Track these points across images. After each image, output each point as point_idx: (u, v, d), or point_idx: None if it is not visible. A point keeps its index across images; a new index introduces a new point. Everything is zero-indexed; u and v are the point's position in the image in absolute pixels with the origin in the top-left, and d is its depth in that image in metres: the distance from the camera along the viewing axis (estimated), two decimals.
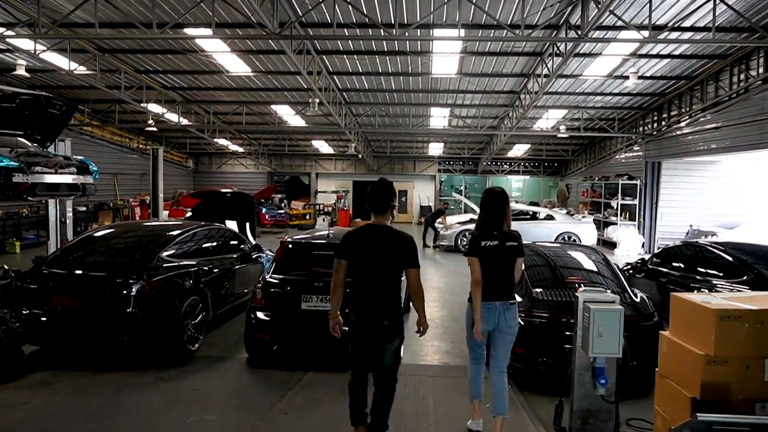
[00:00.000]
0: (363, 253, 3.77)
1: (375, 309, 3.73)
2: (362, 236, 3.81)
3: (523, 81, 14.99)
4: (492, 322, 4.12)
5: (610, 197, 18.92)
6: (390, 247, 3.74)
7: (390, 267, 3.76)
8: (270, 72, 14.98)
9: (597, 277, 6.59)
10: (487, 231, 4.21)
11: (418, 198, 29.80)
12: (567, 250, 7.79)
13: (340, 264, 3.83)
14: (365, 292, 3.78)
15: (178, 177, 28.62)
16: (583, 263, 6.99)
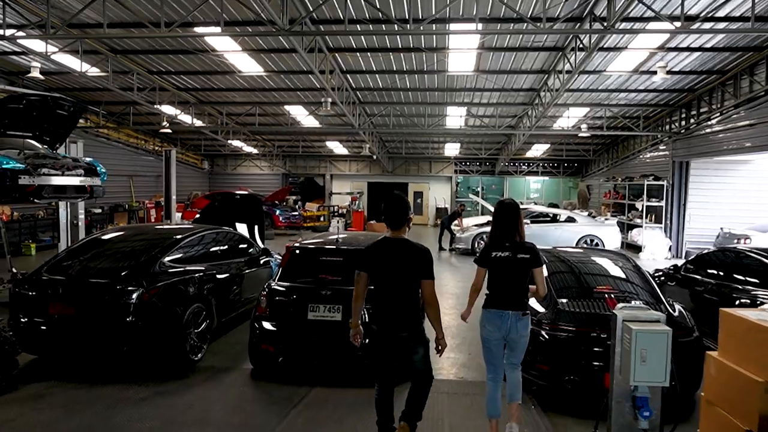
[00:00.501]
0: (382, 266, 3.88)
1: (394, 320, 3.83)
2: (381, 249, 3.93)
3: (543, 78, 14.46)
4: (504, 330, 4.19)
5: (634, 198, 18.26)
6: (407, 259, 3.84)
7: (408, 279, 3.84)
8: (282, 71, 14.68)
9: (628, 286, 6.10)
10: (499, 242, 4.31)
11: (433, 200, 29.31)
12: (593, 256, 7.30)
13: (361, 276, 3.94)
14: (385, 303, 3.88)
15: (193, 179, 28.54)
16: (613, 271, 6.49)
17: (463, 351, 6.95)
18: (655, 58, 12.55)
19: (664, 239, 16.48)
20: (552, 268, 6.52)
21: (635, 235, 17.29)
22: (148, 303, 5.76)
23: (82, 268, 6.22)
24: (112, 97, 17.37)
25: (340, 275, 5.94)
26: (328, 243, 6.52)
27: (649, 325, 3.23)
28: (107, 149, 21.01)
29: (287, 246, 6.28)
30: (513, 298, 4.20)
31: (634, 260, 6.88)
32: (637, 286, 6.11)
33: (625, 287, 6.09)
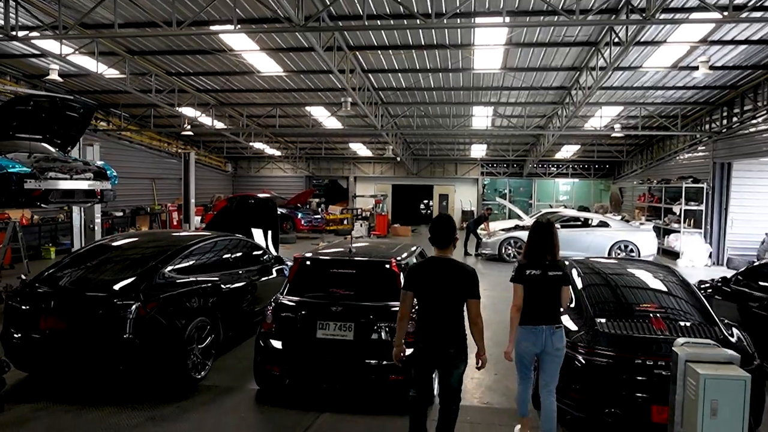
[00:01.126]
0: (429, 285, 3.92)
1: (441, 337, 3.88)
2: (428, 269, 3.99)
3: (575, 75, 13.73)
4: (539, 344, 4.31)
5: (671, 202, 17.32)
6: (454, 279, 3.91)
7: (454, 298, 3.91)
8: (302, 71, 14.26)
9: (675, 303, 5.44)
10: (533, 260, 4.46)
11: (459, 202, 28.61)
12: (632, 267, 6.61)
13: (407, 295, 3.98)
14: (432, 321, 3.92)
15: (217, 181, 28.44)
16: (656, 285, 5.83)
17: (488, 370, 6.32)
18: (696, 52, 11.74)
19: (703, 245, 15.54)
20: (587, 280, 5.90)
21: (672, 240, 16.37)
22: (145, 318, 5.34)
23: (78, 279, 5.83)
24: (134, 99, 17.22)
25: (353, 289, 5.44)
26: (341, 254, 6.01)
27: (721, 369, 2.63)
28: (129, 152, 20.97)
29: (295, 257, 5.78)
30: (546, 312, 4.35)
31: (679, 273, 6.19)
32: (685, 303, 5.45)
33: (672, 304, 5.43)
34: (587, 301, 5.44)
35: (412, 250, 6.42)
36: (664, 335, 4.77)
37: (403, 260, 5.71)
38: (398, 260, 5.58)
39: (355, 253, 5.88)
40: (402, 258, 5.76)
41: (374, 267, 5.64)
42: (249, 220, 9.58)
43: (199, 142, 25.59)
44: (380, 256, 5.81)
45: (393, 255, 5.81)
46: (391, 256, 5.74)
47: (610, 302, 5.46)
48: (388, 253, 5.97)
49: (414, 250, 6.63)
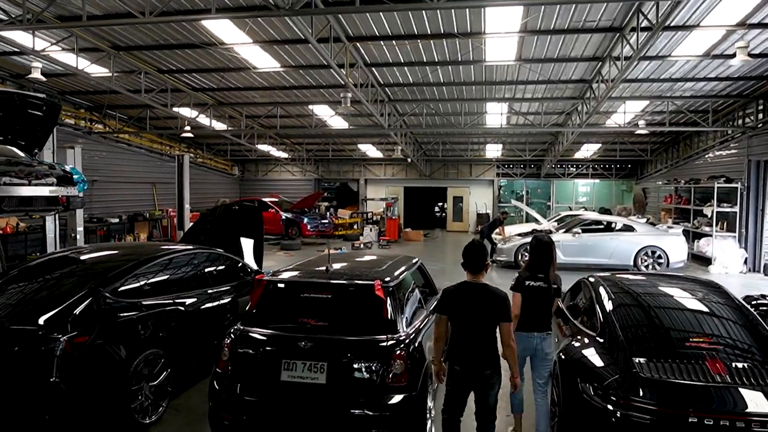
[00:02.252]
0: (463, 310, 4.00)
1: (477, 359, 3.95)
2: (462, 293, 4.05)
3: (596, 66, 12.56)
4: (530, 349, 4.65)
5: (700, 203, 16.01)
6: (487, 304, 3.98)
7: (487, 321, 3.98)
8: (301, 66, 13.31)
9: (733, 334, 4.32)
10: (533, 273, 4.77)
11: (474, 205, 27.44)
12: (671, 285, 5.48)
13: (441, 319, 4.07)
14: (467, 344, 3.98)
15: (223, 185, 27.67)
16: (706, 310, 4.71)
17: (500, 409, 5.26)
18: (732, 37, 10.54)
19: (738, 250, 14.23)
20: (618, 303, 4.84)
21: (703, 245, 15.08)
22: (75, 355, 4.38)
23: (4, 305, 4.88)
24: (129, 100, 16.45)
25: (328, 319, 4.43)
26: (315, 274, 4.97)
27: None
28: (128, 155, 20.22)
29: (257, 278, 4.75)
30: (538, 321, 4.67)
31: (731, 293, 5.06)
32: (744, 334, 4.32)
33: (729, 337, 4.30)
34: (620, 332, 4.36)
35: (404, 267, 5.36)
36: (726, 382, 3.67)
37: (391, 282, 4.67)
38: (385, 282, 4.54)
39: (333, 273, 4.85)
40: (391, 279, 4.72)
41: (355, 291, 4.60)
42: (233, 230, 8.60)
43: (201, 144, 24.81)
44: (364, 277, 4.77)
45: (380, 275, 4.78)
46: (377, 276, 4.70)
47: (649, 335, 4.37)
48: (374, 272, 4.94)
49: (410, 265, 5.59)
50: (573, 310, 5.66)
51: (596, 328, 4.70)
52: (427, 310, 5.32)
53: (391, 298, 4.49)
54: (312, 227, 20.83)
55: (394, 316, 4.42)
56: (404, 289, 5.02)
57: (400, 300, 4.67)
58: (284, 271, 4.99)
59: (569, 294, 6.26)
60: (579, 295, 5.88)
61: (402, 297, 4.79)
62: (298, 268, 5.25)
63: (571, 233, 14.41)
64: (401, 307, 4.64)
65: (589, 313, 5.15)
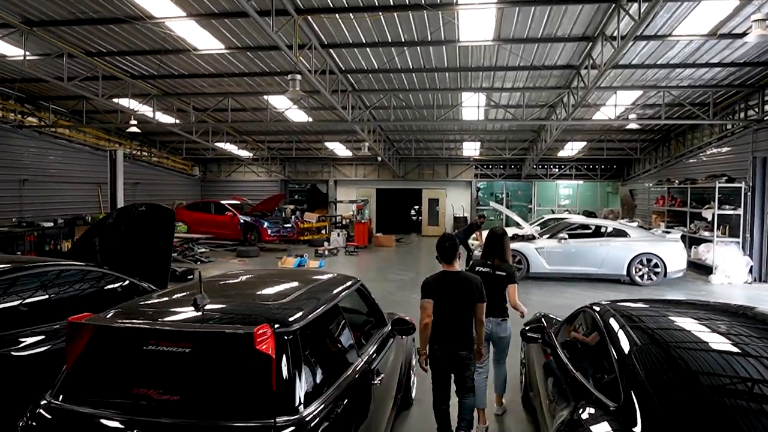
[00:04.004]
0: (443, 296, 4.28)
1: (455, 341, 4.28)
2: (441, 282, 4.35)
3: (586, 48, 10.98)
4: (487, 333, 4.84)
5: (698, 205, 14.55)
6: (465, 290, 4.29)
7: (465, 305, 4.29)
8: (248, 48, 11.53)
9: None
10: (484, 260, 5.15)
11: (451, 208, 25.80)
12: (710, 320, 3.79)
13: (428, 303, 4.27)
14: (447, 326, 4.28)
15: (182, 187, 25.64)
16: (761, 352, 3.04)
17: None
18: (746, 10, 9.01)
19: (742, 258, 12.76)
20: (643, 349, 3.15)
21: (703, 252, 13.59)
22: None
23: None
24: (65, 90, 14.45)
25: (181, 390, 2.67)
26: (174, 310, 3.18)
27: None
28: (68, 152, 18.15)
29: (70, 321, 2.91)
30: (493, 307, 4.85)
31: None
32: None
33: None
34: (659, 406, 2.64)
35: (327, 298, 3.60)
36: None
37: (293, 325, 2.89)
38: (280, 328, 2.79)
39: (207, 310, 3.05)
40: (294, 320, 2.94)
41: (226, 343, 2.81)
42: (136, 238, 6.77)
43: (154, 141, 22.77)
44: (249, 317, 2.98)
45: (278, 314, 3.03)
46: (273, 315, 2.96)
47: (698, 399, 2.66)
48: (273, 308, 3.20)
49: (338, 293, 3.85)
50: (573, 356, 3.95)
51: (612, 393, 2.99)
52: (370, 351, 3.78)
53: (290, 354, 2.74)
54: (273, 232, 18.97)
55: (291, 383, 2.67)
56: (321, 335, 3.29)
57: (308, 355, 2.91)
58: (129, 309, 3.19)
59: (562, 328, 4.56)
60: (578, 332, 4.18)
61: (314, 348, 3.04)
62: (162, 298, 3.47)
63: (557, 239, 12.82)
64: (310, 367, 2.89)
65: (598, 365, 3.45)
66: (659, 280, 12.23)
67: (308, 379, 2.80)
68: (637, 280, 12.28)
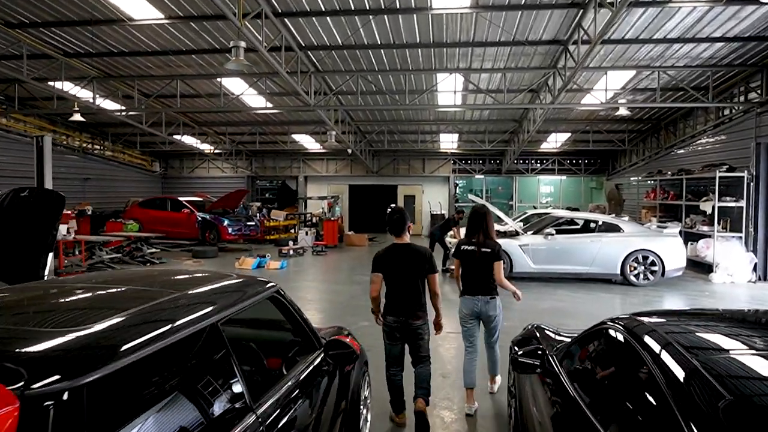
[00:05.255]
0: (393, 268, 4.37)
1: (407, 312, 4.33)
2: (392, 253, 4.42)
3: (576, 16, 9.67)
4: (476, 311, 4.87)
5: (694, 198, 13.39)
6: (414, 260, 4.35)
7: (415, 276, 4.34)
8: (192, 17, 10.04)
9: None
10: (468, 239, 4.99)
11: (428, 205, 24.45)
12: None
13: (377, 276, 4.40)
14: (400, 298, 4.35)
15: (141, 183, 23.88)
16: None
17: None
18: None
19: (745, 254, 11.61)
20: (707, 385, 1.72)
21: (702, 248, 12.40)
22: None
23: None
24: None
25: None
26: None
27: None
28: (5, 143, 16.33)
29: None
30: (481, 285, 4.86)
31: None
32: None
33: None
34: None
35: (193, 317, 2.16)
36: None
37: (82, 373, 1.46)
38: (41, 383, 1.36)
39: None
40: (85, 364, 1.51)
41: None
42: (16, 227, 5.23)
43: (106, 133, 20.98)
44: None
45: (51, 354, 1.56)
46: (33, 356, 1.50)
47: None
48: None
49: (219, 308, 2.39)
50: (590, 391, 2.56)
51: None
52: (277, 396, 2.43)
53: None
54: (234, 230, 17.38)
55: None
56: (162, 384, 1.85)
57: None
58: None
59: (571, 351, 3.16)
60: (596, 358, 2.80)
61: (139, 412, 1.59)
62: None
63: (542, 235, 11.51)
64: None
65: (635, 402, 2.11)
66: (656, 280, 10.99)
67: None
68: (632, 280, 11.03)
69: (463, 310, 4.90)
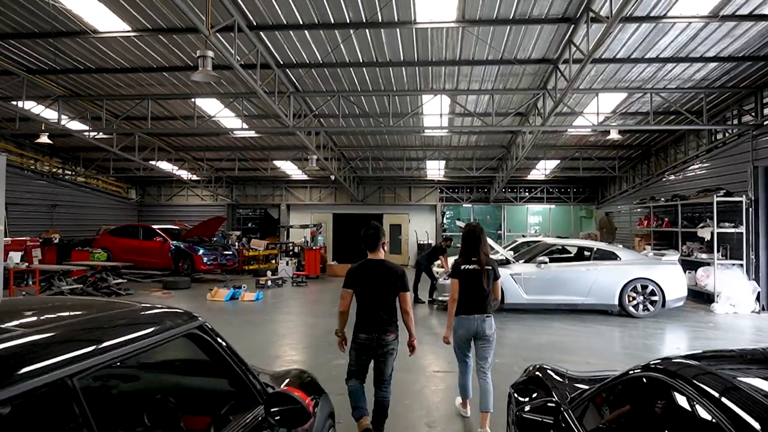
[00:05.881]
0: (365, 283, 4.32)
1: (377, 329, 4.28)
2: (364, 269, 4.37)
3: (567, 33, 9.20)
4: (472, 331, 4.76)
5: (690, 225, 12.85)
6: (386, 277, 4.33)
7: (387, 293, 4.33)
8: (160, 30, 9.43)
9: None
10: (467, 258, 4.88)
11: (414, 234, 23.77)
12: None
13: (347, 292, 4.36)
14: (372, 314, 4.30)
15: (115, 211, 22.95)
16: None
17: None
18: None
19: (747, 283, 11.02)
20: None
21: (701, 277, 11.79)
22: None
23: None
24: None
25: None
26: None
27: None
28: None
29: None
30: (477, 303, 4.77)
31: None
32: None
33: None
34: None
35: None
36: None
37: None
38: None
39: None
40: None
41: None
42: None
43: (77, 158, 20.14)
44: None
45: None
46: None
47: None
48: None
49: (72, 357, 1.61)
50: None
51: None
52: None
53: None
54: (209, 260, 16.49)
55: None
56: None
57: None
58: None
59: (598, 405, 2.41)
60: (633, 417, 2.07)
61: None
62: None
63: (535, 263, 10.83)
64: None
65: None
66: (657, 311, 10.32)
67: None
68: (630, 311, 10.34)
69: (459, 330, 4.79)
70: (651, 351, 8.15)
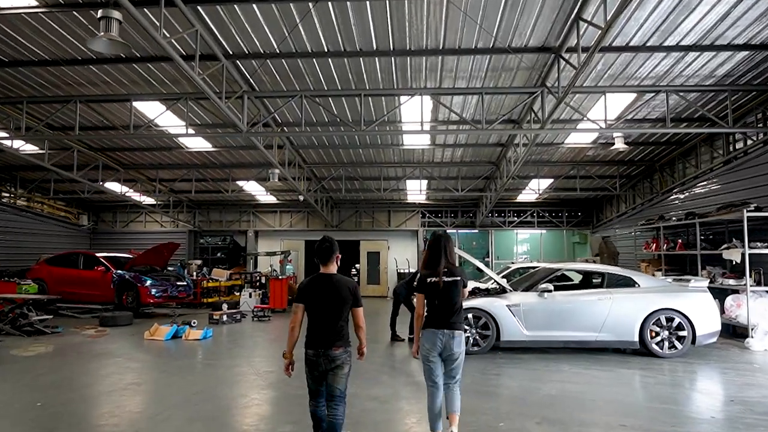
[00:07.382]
0: (316, 298, 4.19)
1: (328, 344, 4.13)
2: (316, 283, 4.25)
3: (574, 7, 7.55)
4: (439, 346, 4.51)
5: (710, 246, 11.12)
6: (336, 290, 4.20)
7: (339, 307, 4.17)
8: (74, 5, 7.58)
9: None
10: (432, 269, 4.62)
11: (394, 262, 21.81)
12: None
13: (298, 307, 4.24)
14: (320, 329, 4.16)
15: (63, 238, 20.67)
16: None
17: None
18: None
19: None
20: None
21: (731, 306, 10.01)
22: None
23: None
24: None
25: None
26: None
27: None
28: None
29: None
30: (446, 318, 4.54)
31: None
32: None
33: None
34: None
35: None
36: None
37: None
38: None
39: None
40: None
41: None
42: None
43: (14, 177, 17.94)
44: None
45: None
46: None
47: None
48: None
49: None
50: None
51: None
52: None
53: None
54: (158, 292, 14.33)
55: None
56: None
57: None
58: None
59: None
60: None
61: None
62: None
63: (536, 292, 8.93)
64: None
65: None
66: (686, 348, 8.47)
67: None
68: (654, 349, 8.47)
69: (425, 344, 4.57)
70: (694, 403, 6.26)
